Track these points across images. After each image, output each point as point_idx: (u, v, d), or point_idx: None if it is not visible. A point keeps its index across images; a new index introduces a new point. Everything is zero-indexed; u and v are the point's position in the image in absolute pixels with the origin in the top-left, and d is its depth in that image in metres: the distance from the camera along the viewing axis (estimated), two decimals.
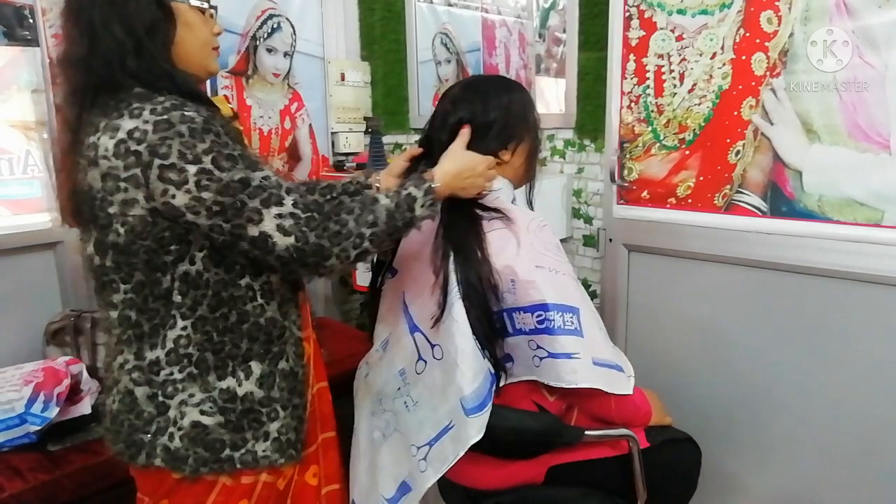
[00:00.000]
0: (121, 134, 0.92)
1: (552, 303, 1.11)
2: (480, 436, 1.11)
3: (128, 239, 0.97)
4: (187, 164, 0.91)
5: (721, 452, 1.63)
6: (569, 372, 1.11)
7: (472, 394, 1.11)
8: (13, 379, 1.57)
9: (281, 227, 0.95)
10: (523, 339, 1.14)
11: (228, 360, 1.04)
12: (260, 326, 1.07)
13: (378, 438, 1.28)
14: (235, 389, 1.05)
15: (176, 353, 1.02)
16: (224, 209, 0.93)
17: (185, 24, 1.02)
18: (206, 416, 1.03)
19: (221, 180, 0.92)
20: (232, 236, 0.95)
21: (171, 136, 0.91)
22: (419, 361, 1.22)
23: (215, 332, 1.03)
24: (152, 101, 0.94)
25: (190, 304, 1.01)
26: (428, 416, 1.17)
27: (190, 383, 1.03)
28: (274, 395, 1.08)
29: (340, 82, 2.44)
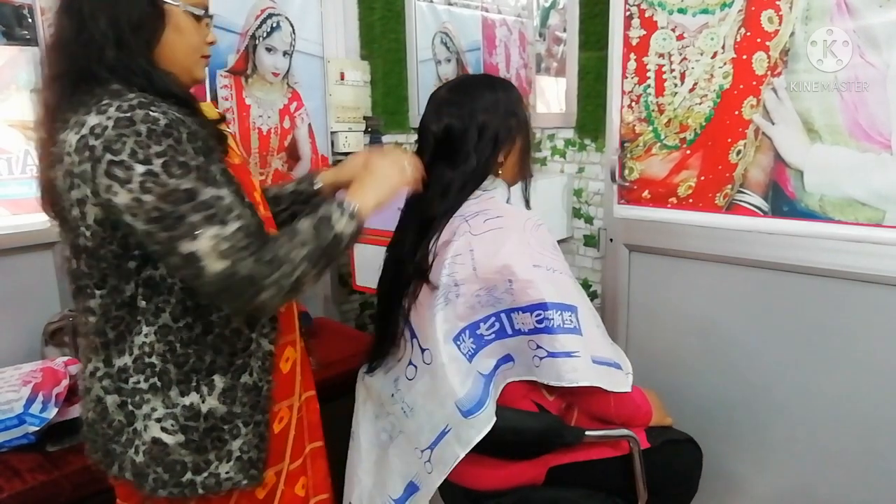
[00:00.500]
0: (84, 129, 0.89)
1: (551, 301, 1.11)
2: (483, 435, 1.11)
3: (94, 243, 0.94)
4: (136, 163, 0.86)
5: (721, 452, 1.63)
6: (569, 370, 1.11)
7: (465, 396, 1.11)
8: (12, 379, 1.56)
9: (216, 248, 0.87)
10: (523, 340, 1.14)
11: (192, 373, 1.00)
12: (224, 338, 1.02)
13: (385, 440, 1.28)
14: (199, 406, 1.00)
15: (140, 362, 0.98)
16: (163, 217, 0.87)
17: (175, 26, 0.99)
18: (166, 434, 0.99)
19: (167, 186, 0.87)
20: (165, 248, 0.89)
21: (127, 134, 0.87)
22: (409, 366, 1.21)
23: (178, 343, 0.99)
24: (121, 98, 0.90)
25: (153, 311, 0.97)
26: (425, 421, 1.17)
27: (153, 396, 0.99)
28: (235, 411, 1.03)
29: (340, 81, 2.44)
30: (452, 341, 1.14)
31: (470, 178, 1.24)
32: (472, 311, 1.15)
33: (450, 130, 1.23)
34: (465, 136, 1.23)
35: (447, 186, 1.23)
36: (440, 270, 1.17)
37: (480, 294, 1.14)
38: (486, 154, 1.23)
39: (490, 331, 1.15)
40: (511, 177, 1.31)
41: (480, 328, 1.15)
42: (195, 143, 0.91)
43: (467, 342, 1.15)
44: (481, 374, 1.14)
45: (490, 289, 1.13)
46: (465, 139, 1.23)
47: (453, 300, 1.15)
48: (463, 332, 1.15)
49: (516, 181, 1.33)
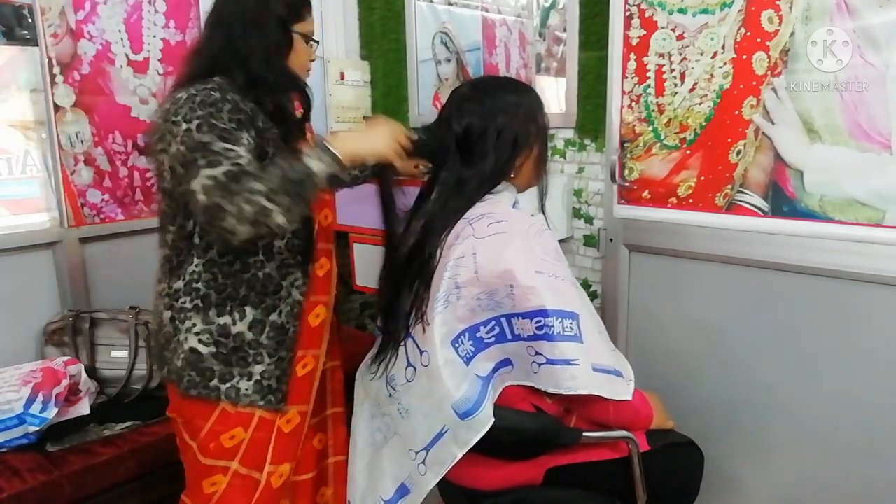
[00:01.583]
0: (172, 99, 1.16)
1: (552, 309, 1.10)
2: (480, 435, 1.11)
3: (170, 186, 1.18)
4: (184, 122, 1.11)
5: (721, 452, 1.62)
6: (568, 378, 1.10)
7: (461, 398, 1.11)
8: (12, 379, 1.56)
9: (205, 185, 1.05)
10: (522, 345, 1.14)
11: (228, 300, 1.23)
12: (258, 279, 1.25)
13: (380, 440, 1.28)
14: (230, 327, 1.23)
15: (189, 286, 1.22)
16: (186, 161, 1.09)
17: (294, 49, 1.29)
18: (202, 344, 1.23)
19: (193, 139, 1.09)
20: (185, 184, 1.09)
21: (188, 102, 1.13)
22: (408, 368, 1.21)
23: (220, 275, 1.23)
24: (207, 83, 1.18)
25: (204, 247, 1.22)
26: (421, 423, 1.17)
27: (195, 314, 1.23)
28: (262, 341, 1.26)
29: (340, 81, 2.44)
30: (450, 344, 1.14)
31: (487, 179, 1.24)
32: (472, 313, 1.15)
33: (469, 128, 1.23)
34: (485, 135, 1.22)
35: (462, 184, 1.23)
36: (442, 273, 1.17)
37: (481, 297, 1.14)
38: (504, 156, 1.23)
39: (490, 334, 1.15)
40: (523, 183, 1.31)
41: (480, 331, 1.15)
42: (236, 115, 1.16)
43: (466, 344, 1.15)
44: (478, 376, 1.14)
45: (491, 293, 1.13)
46: (484, 138, 1.22)
47: (454, 302, 1.15)
48: (462, 335, 1.15)
49: (526, 188, 1.33)
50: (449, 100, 1.29)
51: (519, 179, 1.29)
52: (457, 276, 1.15)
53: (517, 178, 1.28)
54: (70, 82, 1.87)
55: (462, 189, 1.23)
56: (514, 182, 1.28)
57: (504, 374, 1.17)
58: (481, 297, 1.14)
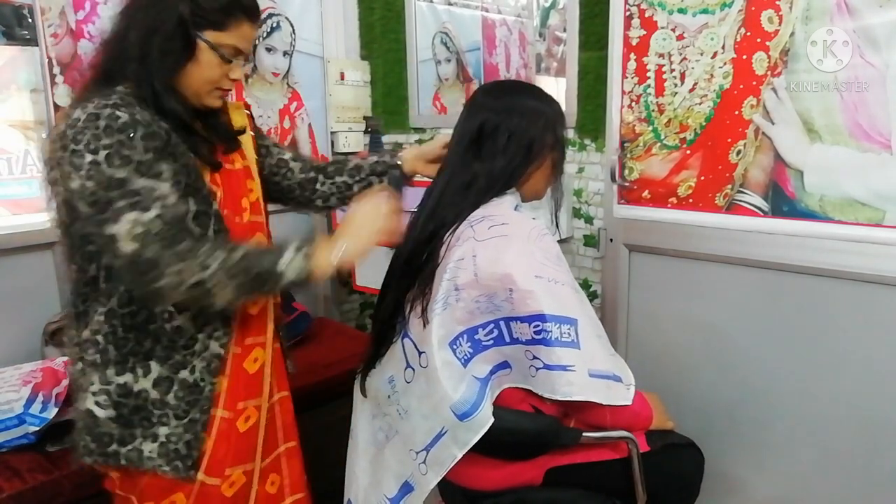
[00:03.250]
0: (68, 121, 0.99)
1: (550, 314, 1.10)
2: (479, 436, 1.11)
3: (66, 223, 1.04)
4: (88, 152, 0.95)
5: (721, 453, 1.62)
6: (564, 384, 1.10)
7: (459, 400, 1.11)
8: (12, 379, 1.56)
9: (131, 232, 0.95)
10: (520, 349, 1.13)
11: (130, 356, 1.07)
12: (165, 331, 1.08)
13: (382, 439, 1.28)
14: (132, 385, 1.07)
15: (92, 337, 1.07)
16: (97, 201, 0.95)
17: (197, 60, 1.06)
18: (99, 407, 1.07)
19: (104, 174, 0.95)
20: (96, 231, 0.97)
21: (90, 127, 0.96)
22: (407, 369, 1.21)
23: (121, 328, 1.06)
24: (102, 95, 1.00)
25: (107, 294, 1.05)
26: (420, 423, 1.17)
27: (92, 371, 1.07)
28: (169, 401, 1.09)
29: (340, 81, 2.44)
30: (448, 346, 1.14)
31: (496, 180, 1.22)
32: (471, 315, 1.15)
33: (483, 124, 1.22)
34: (497, 132, 1.21)
35: (470, 184, 1.22)
36: (442, 274, 1.17)
37: (480, 300, 1.14)
38: (517, 160, 1.22)
39: (488, 337, 1.15)
40: (529, 192, 1.29)
41: (479, 333, 1.15)
42: (151, 142, 0.99)
43: (464, 346, 1.15)
44: (476, 378, 1.14)
45: (490, 296, 1.13)
46: (496, 136, 1.21)
47: (453, 304, 1.15)
48: (461, 336, 1.15)
49: (531, 199, 1.31)
50: (470, 99, 1.29)
51: (525, 188, 1.27)
52: (456, 277, 1.15)
53: (524, 186, 1.27)
54: (70, 82, 1.87)
55: (469, 189, 1.22)
56: (520, 189, 1.27)
57: (502, 376, 1.17)
58: (480, 299, 1.13)
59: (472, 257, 1.14)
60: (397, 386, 1.23)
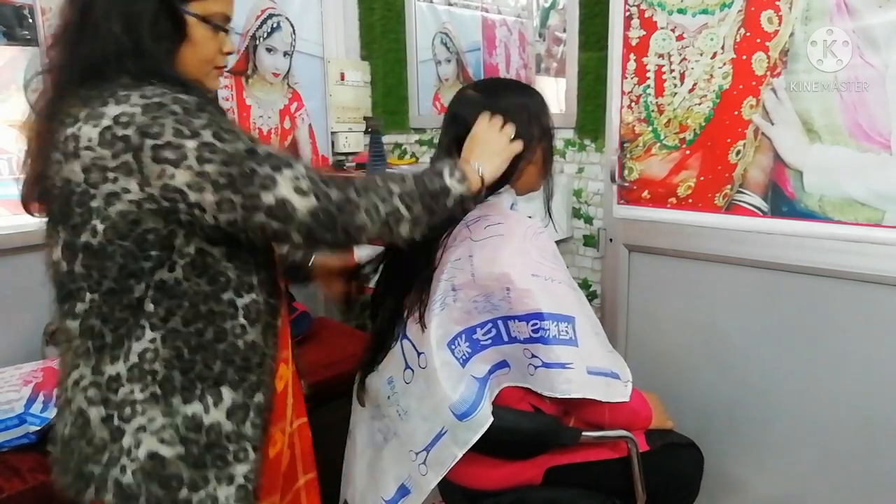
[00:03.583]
0: (105, 121, 0.83)
1: (547, 312, 1.10)
2: (479, 435, 1.11)
3: (105, 238, 0.87)
4: (184, 139, 0.82)
5: (721, 452, 1.62)
6: (563, 382, 1.10)
7: (459, 400, 1.11)
8: (12, 379, 1.56)
9: (298, 188, 0.85)
10: (518, 348, 1.14)
11: (198, 381, 0.92)
12: (238, 349, 0.95)
13: (380, 441, 1.27)
14: (201, 417, 0.92)
15: (139, 369, 0.90)
16: (233, 180, 0.83)
17: (189, 39, 0.94)
18: (165, 445, 0.90)
19: (225, 151, 0.83)
20: (245, 210, 0.84)
21: (162, 116, 0.83)
22: (406, 370, 1.21)
23: (186, 349, 0.91)
24: (140, 89, 0.86)
25: (162, 315, 0.90)
26: (419, 424, 1.17)
27: (151, 405, 0.90)
28: (245, 432, 0.95)
29: (340, 82, 2.44)
30: (446, 346, 1.14)
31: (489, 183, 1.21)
32: (468, 315, 1.15)
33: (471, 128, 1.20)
34: None
35: None
36: (439, 275, 1.17)
37: (478, 300, 1.14)
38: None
39: (486, 336, 1.15)
40: (524, 187, 1.29)
41: (477, 333, 1.15)
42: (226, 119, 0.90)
43: (462, 346, 1.15)
44: (475, 377, 1.14)
45: (488, 295, 1.13)
46: None
47: (450, 304, 1.15)
48: (459, 336, 1.15)
49: (526, 192, 1.31)
50: (453, 100, 1.28)
51: (520, 183, 1.27)
52: (453, 278, 1.15)
53: (518, 182, 1.26)
54: None
55: None
56: (514, 185, 1.26)
57: (501, 375, 1.17)
58: (478, 299, 1.13)
59: (468, 257, 1.14)
60: (397, 387, 1.23)
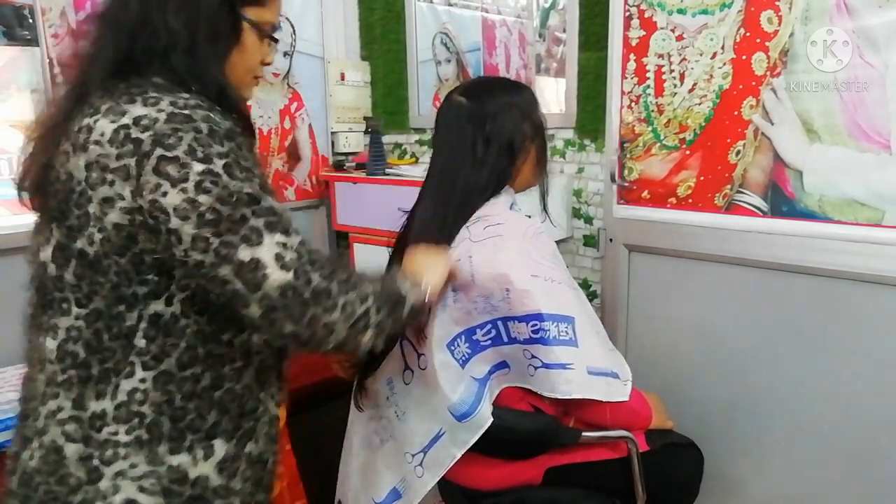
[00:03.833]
0: (125, 119, 0.78)
1: (547, 313, 1.10)
2: (478, 436, 1.11)
3: (101, 251, 0.80)
4: (194, 161, 0.76)
5: (721, 453, 1.62)
6: (563, 382, 1.10)
7: (458, 401, 1.11)
8: (12, 379, 1.57)
9: (280, 256, 0.77)
10: (518, 349, 1.13)
11: (188, 432, 0.85)
12: (234, 395, 0.87)
13: (376, 443, 1.27)
14: (187, 470, 0.84)
15: (127, 409, 0.82)
16: (220, 219, 0.76)
17: (240, 44, 0.90)
18: (144, 494, 0.82)
19: (227, 187, 0.76)
20: (217, 256, 0.76)
21: (184, 130, 0.77)
22: (406, 371, 1.21)
23: (179, 395, 0.84)
24: (174, 94, 0.80)
25: (155, 353, 0.82)
26: (417, 425, 1.17)
27: (135, 450, 0.82)
28: (234, 486, 0.87)
29: (340, 82, 2.44)
30: (446, 347, 1.14)
31: (485, 189, 1.21)
32: (468, 316, 1.15)
33: (463, 134, 1.21)
34: (475, 143, 1.20)
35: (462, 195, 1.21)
36: None
37: (478, 301, 1.14)
38: (501, 164, 1.21)
39: (486, 337, 1.15)
40: (521, 185, 1.29)
41: (477, 334, 1.15)
42: (253, 154, 0.83)
43: (462, 347, 1.15)
44: (475, 378, 1.14)
45: (487, 296, 1.13)
46: (475, 147, 1.20)
47: (450, 305, 1.15)
48: (458, 337, 1.15)
49: (525, 189, 1.31)
50: (441, 108, 1.27)
51: (517, 182, 1.27)
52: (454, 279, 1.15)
53: (515, 181, 1.26)
54: None
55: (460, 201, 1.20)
56: (511, 185, 1.26)
57: (501, 375, 1.17)
58: (477, 300, 1.13)
59: (468, 258, 1.14)
60: (396, 388, 1.23)
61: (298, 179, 2.42)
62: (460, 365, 1.14)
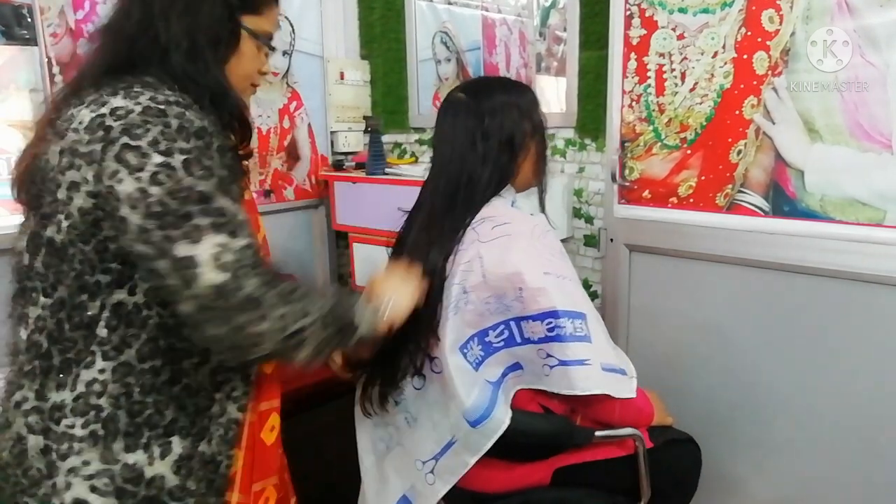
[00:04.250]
0: (104, 109, 0.80)
1: (562, 310, 1.10)
2: (493, 441, 1.10)
3: (66, 238, 0.81)
4: (155, 152, 0.77)
5: (721, 453, 1.62)
6: (582, 379, 1.10)
7: (472, 406, 1.10)
8: None
9: (218, 257, 0.76)
10: (532, 349, 1.13)
11: (145, 428, 0.83)
12: (191, 391, 0.87)
13: (382, 449, 1.26)
14: (142, 469, 0.83)
15: (85, 401, 0.81)
16: (165, 213, 0.76)
17: (238, 51, 0.93)
18: (96, 494, 0.81)
19: (180, 182, 0.77)
20: (156, 249, 0.76)
21: (154, 123, 0.78)
22: (417, 376, 1.20)
23: (137, 388, 0.83)
24: (157, 91, 0.82)
25: (116, 343, 0.82)
26: (429, 432, 1.15)
27: (89, 446, 0.81)
28: (190, 486, 0.86)
29: (340, 81, 2.44)
30: (459, 350, 1.13)
31: (487, 187, 1.21)
32: (481, 318, 1.14)
33: (464, 134, 1.20)
34: (474, 142, 1.19)
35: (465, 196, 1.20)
36: (451, 280, 1.16)
37: (490, 301, 1.13)
38: (502, 161, 1.21)
39: (499, 338, 1.14)
40: (522, 184, 1.28)
41: (489, 335, 1.14)
42: (224, 156, 0.84)
43: (475, 350, 1.14)
44: (489, 381, 1.13)
45: (500, 296, 1.12)
46: (475, 146, 1.19)
47: (462, 308, 1.14)
48: (471, 340, 1.14)
49: (525, 189, 1.31)
50: (442, 107, 1.27)
51: (518, 181, 1.27)
52: (465, 281, 1.14)
53: (516, 180, 1.26)
54: None
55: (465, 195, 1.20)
56: (512, 183, 1.26)
57: (514, 378, 1.16)
58: (490, 300, 1.13)
59: (478, 259, 1.14)
60: (405, 393, 1.21)
61: (298, 179, 2.42)
62: (474, 368, 1.13)
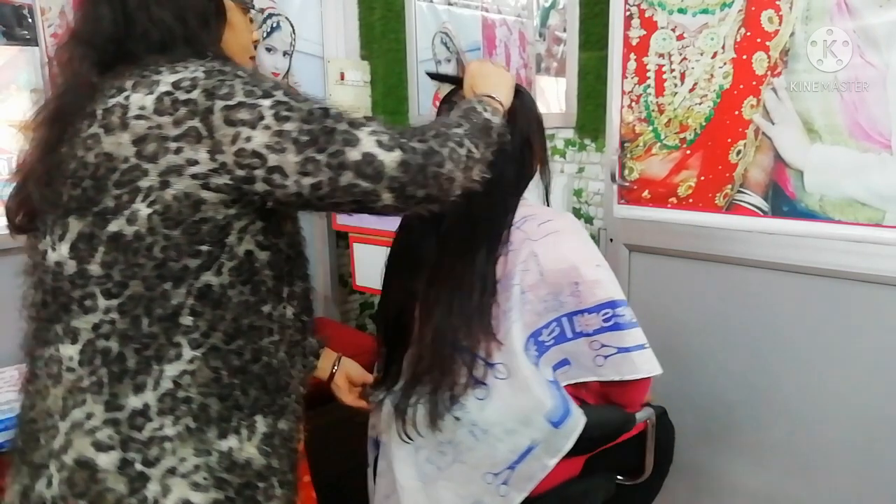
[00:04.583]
0: (163, 87, 0.76)
1: (619, 299, 1.12)
2: (573, 440, 1.09)
3: (146, 227, 0.76)
4: (258, 98, 0.76)
5: (721, 452, 1.62)
6: (644, 362, 1.13)
7: (553, 407, 1.09)
8: (13, 379, 1.56)
9: (381, 142, 0.77)
10: (583, 342, 1.13)
11: (234, 410, 0.80)
12: (271, 369, 0.85)
13: (431, 472, 1.17)
14: (237, 454, 0.80)
15: (172, 398, 0.76)
16: (315, 137, 0.75)
17: (229, 23, 0.92)
18: (198, 491, 0.76)
19: (302, 109, 0.77)
20: (331, 169, 0.75)
21: (229, 78, 0.77)
22: (477, 387, 1.14)
23: (226, 371, 0.80)
24: (194, 62, 0.80)
25: (204, 330, 0.79)
26: (502, 442, 1.11)
27: (182, 443, 0.77)
28: (273, 464, 0.84)
29: (340, 82, 2.44)
30: (524, 352, 1.12)
31: (514, 189, 1.20)
32: (538, 317, 1.14)
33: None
34: None
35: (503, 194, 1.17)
36: (510, 282, 1.14)
37: (547, 299, 1.13)
38: (525, 157, 1.20)
39: (550, 336, 1.14)
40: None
41: (542, 334, 1.14)
42: None
43: (532, 351, 1.13)
44: (549, 381, 1.13)
45: (556, 293, 1.12)
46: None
47: (523, 309, 1.13)
48: (528, 341, 1.13)
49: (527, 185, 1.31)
50: (442, 107, 1.25)
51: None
52: (522, 281, 1.13)
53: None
54: None
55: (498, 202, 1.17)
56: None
57: (560, 374, 1.16)
58: (547, 298, 1.12)
59: (533, 257, 1.13)
60: (468, 406, 1.13)
61: None
62: (537, 368, 1.13)
